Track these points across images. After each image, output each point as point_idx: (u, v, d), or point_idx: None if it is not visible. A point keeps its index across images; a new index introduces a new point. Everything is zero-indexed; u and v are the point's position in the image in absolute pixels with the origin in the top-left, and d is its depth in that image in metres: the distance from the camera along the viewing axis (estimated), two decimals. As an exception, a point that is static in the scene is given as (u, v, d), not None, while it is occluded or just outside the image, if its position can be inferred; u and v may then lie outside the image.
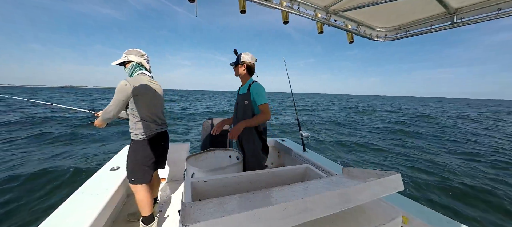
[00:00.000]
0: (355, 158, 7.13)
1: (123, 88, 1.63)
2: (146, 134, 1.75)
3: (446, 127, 14.90)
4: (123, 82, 1.64)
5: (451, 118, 20.55)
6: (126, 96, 1.64)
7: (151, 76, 1.88)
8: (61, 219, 1.32)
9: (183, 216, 0.64)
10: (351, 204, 0.82)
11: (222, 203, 0.76)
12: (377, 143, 9.30)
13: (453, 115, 24.85)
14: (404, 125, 15.21)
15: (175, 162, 2.83)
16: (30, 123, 10.51)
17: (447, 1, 1.39)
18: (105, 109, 1.66)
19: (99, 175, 1.95)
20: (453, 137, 11.28)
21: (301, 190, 0.89)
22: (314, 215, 0.73)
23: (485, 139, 11.06)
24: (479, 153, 7.98)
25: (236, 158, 2.15)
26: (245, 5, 1.54)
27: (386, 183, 0.95)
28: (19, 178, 4.19)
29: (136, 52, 1.79)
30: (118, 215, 2.05)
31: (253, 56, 2.02)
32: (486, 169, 6.19)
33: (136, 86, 1.67)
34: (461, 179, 5.34)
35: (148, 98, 1.75)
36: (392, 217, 0.97)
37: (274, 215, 0.67)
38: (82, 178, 4.33)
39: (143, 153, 1.75)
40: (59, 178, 4.37)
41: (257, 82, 1.99)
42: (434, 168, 6.14)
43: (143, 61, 1.81)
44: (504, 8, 1.25)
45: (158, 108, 1.87)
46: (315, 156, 2.64)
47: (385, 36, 2.01)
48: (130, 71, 1.80)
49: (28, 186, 4.00)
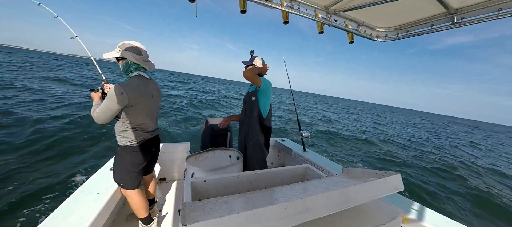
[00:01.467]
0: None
1: (118, 97, 1.40)
2: (134, 142, 1.60)
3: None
4: (118, 89, 1.40)
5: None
6: (120, 106, 1.45)
7: (148, 76, 1.68)
8: (61, 219, 1.32)
9: (183, 216, 0.64)
10: (351, 204, 0.82)
11: (222, 203, 0.76)
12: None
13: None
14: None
15: (175, 161, 2.83)
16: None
17: (447, 1, 1.38)
18: (94, 112, 1.47)
19: (99, 175, 1.95)
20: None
21: (301, 190, 0.89)
22: (314, 215, 0.73)
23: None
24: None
25: (236, 158, 2.15)
26: (245, 5, 1.54)
27: (386, 183, 0.95)
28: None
29: (133, 50, 1.55)
30: (118, 215, 2.05)
31: (267, 65, 2.12)
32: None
33: (133, 96, 1.48)
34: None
35: (144, 107, 1.59)
36: (392, 217, 0.97)
37: (274, 215, 0.68)
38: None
39: (130, 159, 1.61)
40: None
41: (265, 78, 2.07)
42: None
43: (140, 61, 1.58)
44: (504, 9, 1.25)
45: (153, 116, 1.73)
46: (315, 156, 2.64)
47: (385, 36, 2.01)
48: (124, 69, 1.60)
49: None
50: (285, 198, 0.78)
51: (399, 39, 1.97)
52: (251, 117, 2.03)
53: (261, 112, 1.99)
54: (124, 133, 1.58)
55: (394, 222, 0.96)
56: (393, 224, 0.96)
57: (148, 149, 1.72)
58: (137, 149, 1.62)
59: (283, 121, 13.65)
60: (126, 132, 1.58)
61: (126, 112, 1.53)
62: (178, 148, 2.84)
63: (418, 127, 26.02)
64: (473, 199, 5.23)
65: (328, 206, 0.77)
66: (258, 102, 1.99)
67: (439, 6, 1.45)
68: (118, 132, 1.60)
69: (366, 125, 19.07)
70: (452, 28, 1.53)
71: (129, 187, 1.65)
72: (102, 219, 1.48)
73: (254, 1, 1.53)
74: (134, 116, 1.56)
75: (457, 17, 1.47)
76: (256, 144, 2.00)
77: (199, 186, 1.13)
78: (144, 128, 1.65)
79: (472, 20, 1.42)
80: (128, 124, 1.56)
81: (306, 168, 1.46)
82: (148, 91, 1.63)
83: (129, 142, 1.59)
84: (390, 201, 1.51)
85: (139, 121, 1.60)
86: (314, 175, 1.38)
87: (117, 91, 1.40)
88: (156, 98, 1.75)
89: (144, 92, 1.59)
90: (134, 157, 1.63)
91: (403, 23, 1.84)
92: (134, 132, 1.59)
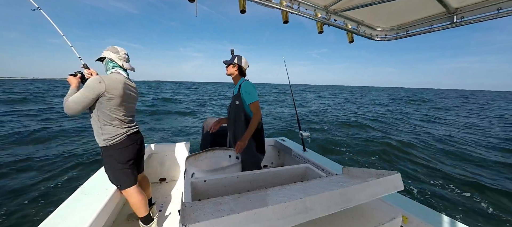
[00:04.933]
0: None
1: (96, 86, 1.45)
2: (117, 138, 1.59)
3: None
4: (96, 79, 1.47)
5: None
6: (97, 95, 1.46)
7: (126, 75, 1.71)
8: (61, 219, 1.32)
9: (183, 216, 0.64)
10: (351, 204, 0.82)
11: (222, 203, 0.76)
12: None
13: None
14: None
15: (175, 162, 2.83)
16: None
17: (447, 0, 1.39)
18: (68, 100, 1.45)
19: (99, 175, 1.95)
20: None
21: (301, 190, 0.89)
22: (314, 215, 0.73)
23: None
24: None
25: (236, 158, 2.15)
26: (245, 5, 1.54)
27: (386, 183, 0.95)
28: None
29: (112, 49, 1.67)
30: (118, 215, 2.05)
31: (247, 62, 2.05)
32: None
33: (110, 86, 1.50)
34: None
35: (122, 100, 1.59)
36: (392, 217, 0.97)
37: (274, 215, 0.68)
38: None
39: (119, 157, 1.61)
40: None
41: (248, 81, 1.99)
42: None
43: (116, 59, 1.65)
44: (504, 8, 1.25)
45: (131, 111, 1.74)
46: (315, 155, 2.64)
47: (385, 36, 2.01)
48: (105, 67, 1.69)
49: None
50: (285, 198, 0.78)
51: (398, 39, 1.97)
52: (239, 121, 1.96)
53: (247, 113, 1.93)
54: (103, 129, 1.55)
55: (394, 222, 0.96)
56: (393, 224, 0.96)
57: (132, 142, 1.70)
58: (120, 145, 1.61)
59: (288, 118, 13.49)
60: (105, 127, 1.55)
61: (103, 103, 1.51)
62: (178, 148, 2.84)
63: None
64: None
65: (328, 206, 0.77)
66: (244, 104, 1.91)
67: (438, 6, 1.45)
68: (97, 131, 1.57)
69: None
70: (451, 28, 1.54)
71: (126, 185, 1.66)
72: (102, 220, 1.48)
73: (254, 1, 1.53)
74: (112, 107, 1.55)
75: (457, 17, 1.48)
76: (248, 149, 1.91)
77: (199, 186, 1.13)
78: (124, 120, 1.64)
79: (472, 19, 1.42)
80: (107, 115, 1.54)
81: (306, 167, 1.46)
82: (126, 86, 1.63)
83: (111, 139, 1.56)
84: (390, 201, 1.51)
85: (118, 112, 1.59)
86: (314, 175, 1.38)
87: (94, 80, 1.46)
88: (133, 97, 1.76)
89: (122, 86, 1.59)
90: (120, 153, 1.62)
91: (402, 22, 1.84)
92: (114, 124, 1.57)
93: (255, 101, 1.88)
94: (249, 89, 1.89)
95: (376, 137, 8.68)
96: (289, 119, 12.30)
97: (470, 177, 5.16)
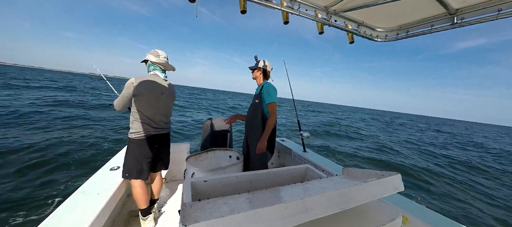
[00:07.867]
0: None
1: (129, 85, 1.68)
2: (139, 134, 1.73)
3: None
4: (131, 80, 1.69)
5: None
6: (129, 94, 1.68)
7: (164, 77, 1.88)
8: (61, 219, 1.32)
9: (183, 216, 0.64)
10: (351, 204, 0.82)
11: (222, 203, 0.76)
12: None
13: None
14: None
15: (175, 162, 2.82)
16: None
17: (447, 1, 1.38)
18: (115, 101, 1.76)
19: (99, 175, 1.95)
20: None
21: (301, 190, 0.89)
22: (314, 215, 0.73)
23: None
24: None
25: (236, 158, 2.15)
26: (245, 5, 1.54)
27: (386, 183, 0.95)
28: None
29: (153, 52, 1.85)
30: (118, 215, 2.05)
31: (270, 64, 2.18)
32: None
33: (140, 86, 1.68)
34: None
35: (149, 100, 1.73)
36: (392, 217, 0.97)
37: (274, 215, 0.67)
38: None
39: (136, 151, 1.75)
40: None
41: (270, 83, 2.11)
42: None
43: (157, 61, 1.83)
44: (504, 9, 1.25)
45: (160, 111, 1.83)
46: (315, 156, 2.64)
47: (385, 37, 2.01)
48: (147, 69, 1.88)
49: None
50: (285, 198, 0.78)
51: (399, 40, 1.97)
52: (255, 119, 2.04)
53: (265, 113, 2.00)
54: (132, 124, 1.75)
55: (394, 223, 0.96)
56: (394, 225, 0.96)
57: (151, 144, 1.81)
58: (140, 142, 1.75)
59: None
60: (134, 123, 1.74)
61: (134, 102, 1.72)
62: (178, 148, 2.84)
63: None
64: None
65: (328, 207, 0.77)
66: (262, 103, 2.00)
67: (439, 7, 1.45)
68: (130, 123, 1.77)
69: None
70: (452, 29, 1.53)
71: (133, 177, 1.76)
72: (101, 220, 1.48)
73: (254, 1, 1.53)
74: (140, 107, 1.72)
75: (457, 18, 1.47)
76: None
77: (199, 186, 1.12)
78: (149, 122, 1.77)
79: (472, 20, 1.42)
80: (136, 114, 1.73)
81: (306, 168, 1.46)
82: (158, 88, 1.79)
83: (135, 134, 1.73)
84: (390, 201, 1.51)
85: (145, 113, 1.74)
86: (314, 175, 1.38)
87: (129, 81, 1.69)
88: (167, 98, 1.89)
89: (154, 87, 1.75)
90: (137, 149, 1.75)
91: (403, 23, 1.84)
92: (140, 123, 1.74)
93: (273, 102, 1.97)
94: (270, 90, 2.01)
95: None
96: (289, 118, 12.29)
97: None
